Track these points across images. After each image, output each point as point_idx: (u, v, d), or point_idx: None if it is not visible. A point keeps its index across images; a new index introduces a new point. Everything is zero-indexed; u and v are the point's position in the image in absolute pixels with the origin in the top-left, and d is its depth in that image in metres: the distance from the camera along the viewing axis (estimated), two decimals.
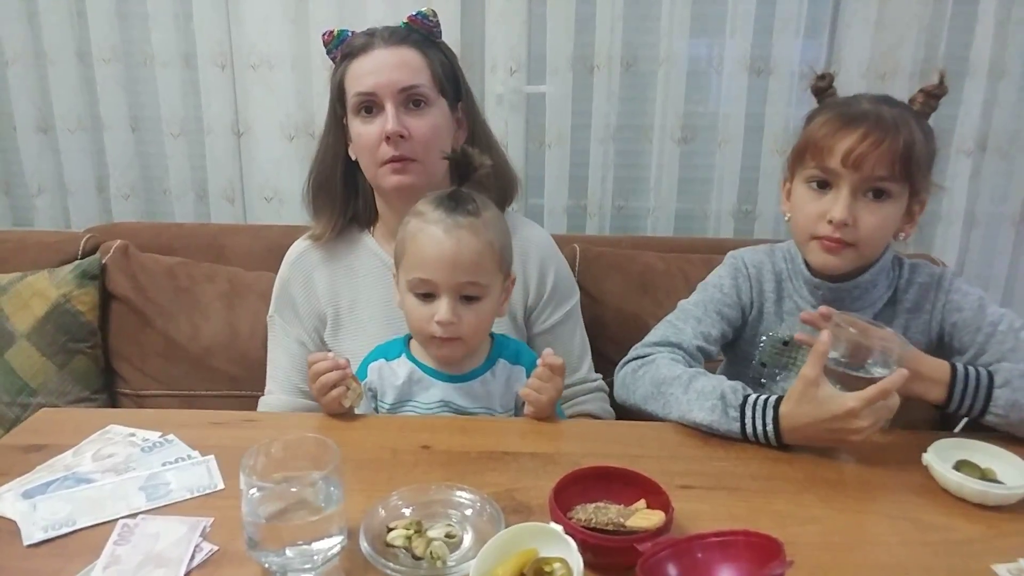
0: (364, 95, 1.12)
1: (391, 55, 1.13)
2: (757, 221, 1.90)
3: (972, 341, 1.04)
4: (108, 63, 1.83)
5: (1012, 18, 1.72)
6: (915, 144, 0.97)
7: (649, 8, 1.77)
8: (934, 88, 1.02)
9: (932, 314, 1.08)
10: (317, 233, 1.23)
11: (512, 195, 1.26)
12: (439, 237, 0.97)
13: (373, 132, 1.12)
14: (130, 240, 1.58)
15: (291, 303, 1.24)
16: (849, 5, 1.74)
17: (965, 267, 1.91)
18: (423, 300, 1.00)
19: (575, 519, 0.74)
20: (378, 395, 1.07)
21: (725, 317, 1.12)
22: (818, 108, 1.06)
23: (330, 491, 0.72)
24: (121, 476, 0.87)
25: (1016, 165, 1.84)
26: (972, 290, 1.07)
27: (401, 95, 1.12)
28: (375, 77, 1.12)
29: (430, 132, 1.13)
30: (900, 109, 1.00)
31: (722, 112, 1.82)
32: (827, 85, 1.07)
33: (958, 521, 0.80)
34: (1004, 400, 0.93)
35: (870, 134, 0.96)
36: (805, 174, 1.03)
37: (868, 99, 1.02)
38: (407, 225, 1.02)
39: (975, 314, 1.04)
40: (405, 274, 1.01)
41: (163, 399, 1.50)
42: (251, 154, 1.88)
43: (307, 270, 1.24)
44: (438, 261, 0.97)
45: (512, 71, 1.78)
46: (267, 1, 1.77)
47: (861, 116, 0.98)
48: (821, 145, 0.99)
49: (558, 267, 1.26)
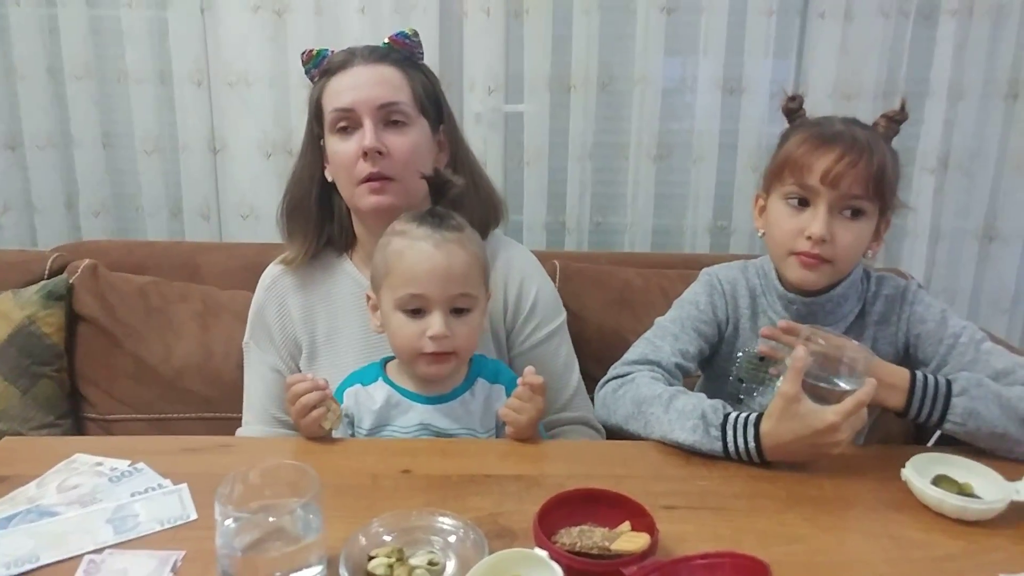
0: (342, 111, 1.10)
1: (371, 72, 1.11)
2: (732, 236, 1.92)
3: (935, 352, 1.06)
4: (80, 80, 1.81)
5: (969, 42, 1.78)
6: (886, 165, 1.00)
7: (624, 29, 1.80)
8: (895, 114, 1.05)
9: (898, 326, 1.10)
10: (289, 257, 1.20)
11: (497, 218, 1.24)
12: (429, 251, 0.97)
13: (350, 149, 1.10)
14: (100, 259, 1.54)
15: (266, 329, 1.21)
16: (815, 28, 1.79)
17: (932, 281, 1.96)
18: (412, 317, 0.99)
19: (560, 543, 0.73)
20: (355, 421, 1.05)
21: (702, 334, 1.13)
22: (793, 127, 1.08)
23: (309, 519, 0.70)
24: (87, 508, 0.84)
25: (977, 181, 1.90)
26: (935, 303, 1.10)
27: (380, 112, 1.10)
28: (354, 93, 1.10)
29: (409, 150, 1.11)
30: (870, 131, 1.03)
31: (696, 130, 1.85)
32: (797, 106, 1.10)
33: (938, 537, 0.81)
34: (962, 408, 0.95)
35: (847, 154, 0.98)
36: (783, 191, 1.04)
37: (840, 120, 1.04)
38: (389, 245, 1.00)
39: (938, 326, 1.07)
40: (392, 292, 0.99)
41: (132, 423, 1.46)
42: (227, 171, 1.86)
43: (282, 296, 1.21)
44: (430, 275, 0.97)
45: (490, 90, 1.79)
46: (245, 19, 1.76)
47: (837, 136, 1.00)
48: (800, 163, 1.01)
49: (540, 286, 1.23)
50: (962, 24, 1.77)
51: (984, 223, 1.93)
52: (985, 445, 0.96)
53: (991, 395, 0.95)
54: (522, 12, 1.77)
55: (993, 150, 1.87)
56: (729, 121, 1.84)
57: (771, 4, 1.76)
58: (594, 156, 1.86)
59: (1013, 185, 1.89)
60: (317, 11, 1.75)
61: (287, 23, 1.76)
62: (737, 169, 1.87)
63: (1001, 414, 0.94)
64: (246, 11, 1.75)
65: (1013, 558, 0.77)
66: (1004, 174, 1.89)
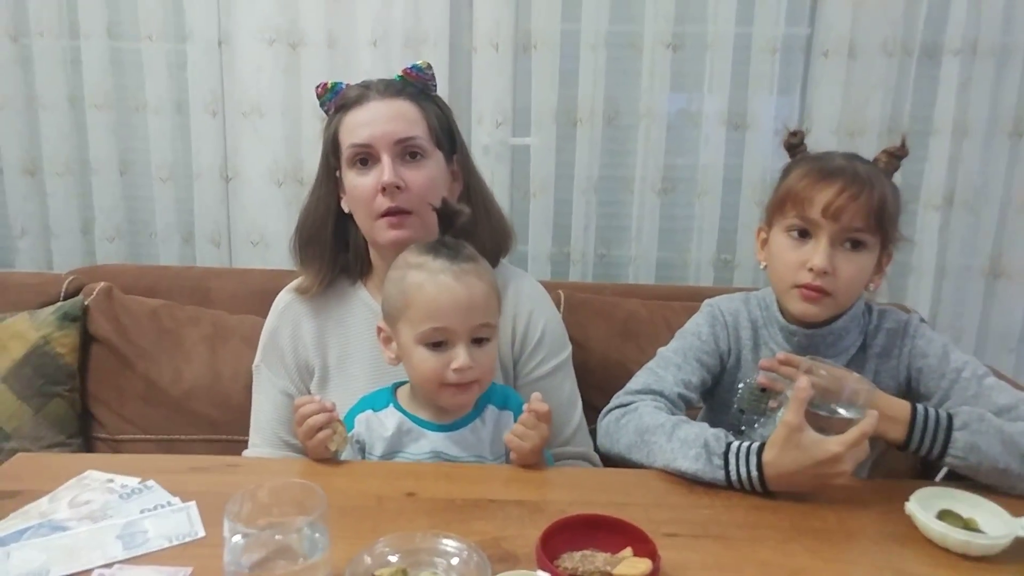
0: (360, 147, 1.12)
1: (387, 107, 1.13)
2: (736, 270, 1.94)
3: (937, 387, 1.07)
4: (100, 109, 1.86)
5: (973, 80, 1.81)
6: (887, 199, 1.03)
7: (630, 64, 1.84)
8: (896, 149, 1.07)
9: (900, 359, 1.11)
10: (305, 286, 1.21)
11: (507, 247, 1.25)
12: (450, 284, 0.97)
13: (369, 184, 1.11)
14: (113, 282, 1.57)
15: (278, 353, 1.21)
16: (818, 65, 1.82)
17: (938, 318, 1.96)
18: (435, 350, 0.99)
19: (562, 568, 0.74)
20: (367, 447, 1.05)
21: (704, 364, 1.14)
22: (794, 161, 1.11)
23: (315, 538, 0.71)
24: (98, 523, 0.85)
25: (982, 218, 1.91)
26: (937, 337, 1.10)
27: (397, 147, 1.11)
28: (371, 128, 1.11)
29: (427, 184, 1.12)
30: (871, 166, 1.06)
31: (701, 164, 1.87)
32: (799, 141, 1.12)
33: (942, 572, 0.81)
34: (963, 443, 0.95)
35: (848, 188, 1.01)
36: (785, 223, 1.06)
37: (841, 156, 1.07)
38: (406, 279, 1.00)
39: (940, 360, 1.07)
40: (412, 328, 0.99)
41: (141, 443, 1.47)
42: (239, 198, 1.90)
43: (296, 320, 1.22)
44: (453, 308, 0.97)
45: (498, 123, 1.83)
46: (259, 51, 1.81)
47: (838, 171, 1.02)
48: (802, 196, 1.03)
49: (549, 318, 1.23)
50: (965, 63, 1.80)
51: (990, 260, 1.93)
52: (986, 481, 0.96)
53: (993, 430, 0.95)
54: (530, 47, 1.81)
55: (998, 187, 1.88)
56: (733, 156, 1.86)
57: (775, 42, 1.80)
58: (599, 189, 1.89)
59: (1018, 223, 1.90)
60: (330, 44, 1.80)
61: (301, 56, 1.81)
62: (741, 203, 1.89)
63: (1003, 450, 0.94)
64: (262, 44, 1.81)
65: None
66: (1009, 211, 1.91)
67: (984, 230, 1.91)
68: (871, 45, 1.79)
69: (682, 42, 1.81)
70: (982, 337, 1.98)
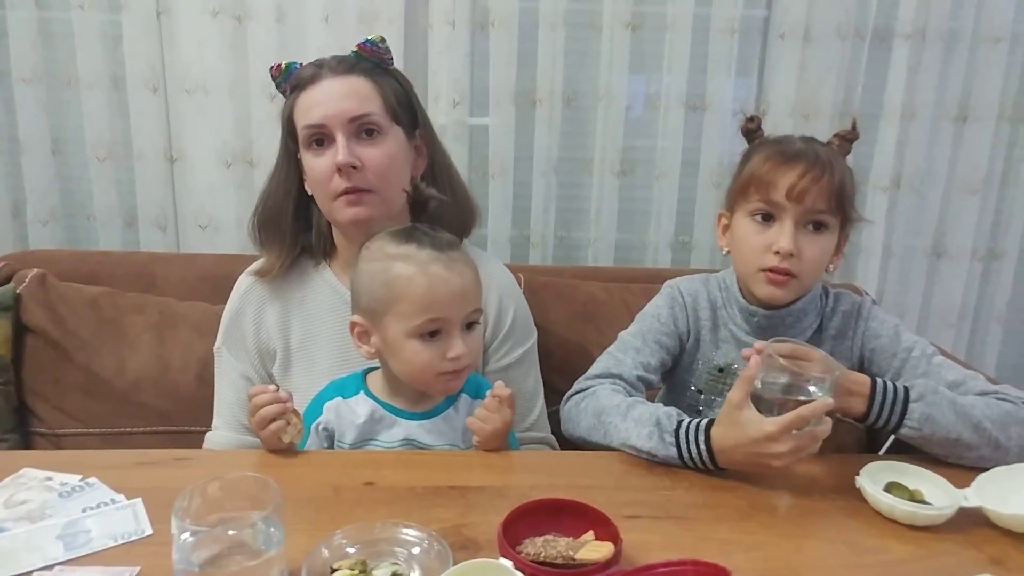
0: (313, 127, 1.09)
1: (340, 84, 1.10)
2: (694, 252, 1.96)
3: (889, 366, 1.10)
4: (29, 83, 1.75)
5: (922, 65, 1.86)
6: (846, 180, 1.05)
7: (589, 45, 1.82)
8: (847, 133, 1.09)
9: (853, 340, 1.13)
10: (265, 268, 1.19)
11: (472, 224, 1.24)
12: (444, 275, 0.95)
13: (325, 165, 1.09)
14: (49, 268, 1.49)
15: (240, 336, 1.19)
16: (775, 48, 1.84)
17: (884, 296, 2.02)
18: (429, 341, 0.97)
19: (524, 554, 0.73)
20: (336, 435, 1.03)
21: (663, 346, 1.15)
22: (754, 146, 1.12)
23: (270, 532, 0.69)
24: (36, 524, 0.81)
25: (927, 200, 1.97)
26: (888, 319, 1.14)
27: (352, 125, 1.09)
28: (323, 108, 1.09)
29: (384, 161, 1.10)
30: (828, 149, 1.07)
31: (660, 146, 1.88)
32: (756, 127, 1.13)
33: (891, 542, 0.83)
34: (919, 414, 0.97)
35: (810, 170, 1.02)
36: (749, 207, 1.07)
37: (800, 139, 1.08)
38: (390, 271, 0.96)
39: (891, 341, 1.11)
40: (404, 321, 0.96)
41: (83, 438, 1.41)
42: (185, 180, 1.82)
43: (259, 302, 1.19)
44: (450, 298, 0.96)
45: (455, 103, 1.80)
46: (202, 24, 1.73)
47: (800, 154, 1.04)
48: (765, 180, 1.04)
49: (518, 305, 1.23)
50: (915, 48, 1.84)
51: (933, 241, 2.00)
52: (939, 451, 0.99)
53: (946, 401, 0.98)
54: (487, 25, 1.78)
55: (943, 170, 1.94)
56: (692, 138, 1.87)
57: (733, 23, 1.80)
58: (559, 171, 1.88)
59: (960, 204, 1.97)
60: (279, 19, 1.74)
61: (247, 30, 1.74)
62: (699, 185, 1.91)
63: (956, 420, 0.97)
64: (204, 16, 1.73)
65: (962, 562, 0.80)
66: (952, 194, 1.97)
67: (928, 212, 1.98)
68: (826, 28, 1.82)
69: (641, 22, 1.81)
70: (924, 314, 2.05)
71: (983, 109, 1.90)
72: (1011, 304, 2.06)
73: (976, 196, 1.96)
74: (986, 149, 1.93)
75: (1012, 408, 1.00)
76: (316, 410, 1.04)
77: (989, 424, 0.97)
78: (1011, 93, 1.91)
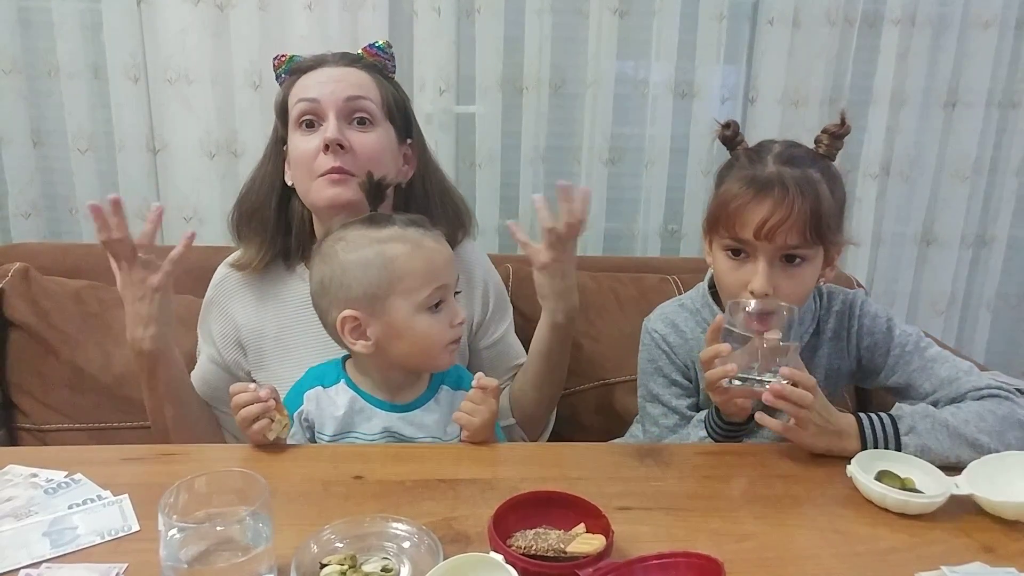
0: (307, 101, 1.09)
1: (340, 71, 1.12)
2: (683, 240, 1.95)
3: (884, 362, 1.10)
4: (8, 74, 1.71)
5: (911, 51, 1.85)
6: (822, 205, 0.98)
7: (576, 31, 1.80)
8: (836, 128, 1.03)
9: (849, 340, 1.13)
10: (243, 261, 1.18)
11: (466, 231, 1.25)
12: (436, 247, 0.99)
13: (312, 145, 1.08)
14: (31, 262, 1.47)
15: (207, 325, 1.22)
16: (764, 34, 1.83)
17: (874, 283, 2.03)
18: (435, 312, 0.98)
19: (515, 547, 0.72)
20: (316, 426, 1.02)
21: (680, 385, 1.15)
22: (727, 167, 1.06)
23: (258, 528, 0.68)
24: (21, 521, 0.80)
25: (917, 187, 1.97)
26: (881, 313, 1.12)
27: (346, 105, 1.09)
28: (320, 87, 1.09)
29: (374, 148, 1.10)
30: (804, 168, 1.00)
31: (648, 134, 1.87)
32: (733, 134, 1.06)
33: (882, 531, 0.83)
34: (914, 446, 0.96)
35: (778, 207, 0.96)
36: (721, 243, 1.04)
37: (775, 157, 1.01)
38: (384, 254, 0.95)
39: (885, 336, 1.10)
40: (411, 297, 0.96)
41: (69, 433, 1.39)
42: (168, 172, 1.80)
43: (230, 293, 1.20)
44: (445, 265, 0.99)
45: (441, 91, 1.78)
46: (184, 13, 1.70)
47: (767, 185, 0.97)
48: (733, 218, 0.99)
49: (496, 282, 1.29)
50: (904, 33, 1.83)
51: (923, 228, 2.01)
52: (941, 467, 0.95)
53: (939, 426, 0.96)
54: (473, 12, 1.76)
55: (932, 157, 1.94)
56: (680, 125, 1.86)
57: (722, 9, 1.79)
58: (546, 159, 1.86)
59: (950, 191, 1.98)
60: (262, 7, 1.70)
61: (230, 18, 1.71)
62: (688, 174, 1.90)
63: (951, 444, 0.96)
64: (186, 4, 1.69)
65: (954, 550, 0.80)
66: (942, 180, 1.97)
67: (918, 198, 1.98)
68: (815, 13, 1.81)
69: (629, 8, 1.79)
70: (914, 301, 2.06)
71: (973, 95, 1.90)
72: (1000, 291, 2.08)
73: (966, 183, 1.96)
74: (976, 135, 1.93)
75: (1008, 410, 0.98)
76: (297, 399, 1.03)
77: (986, 438, 0.95)
78: (1001, 79, 1.91)
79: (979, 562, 0.76)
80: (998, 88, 1.91)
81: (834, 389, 1.14)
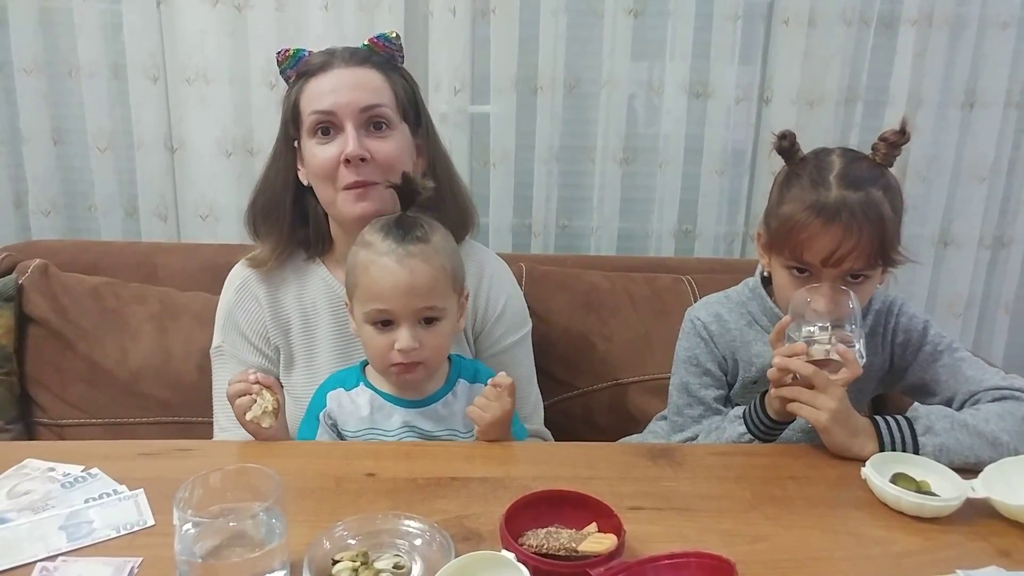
0: (322, 113, 1.07)
1: (351, 75, 1.09)
2: (697, 240, 1.94)
3: (914, 359, 1.11)
4: (30, 74, 1.74)
5: (928, 50, 1.83)
6: (887, 228, 0.98)
7: (591, 31, 1.80)
8: (895, 136, 1.00)
9: (884, 335, 1.14)
10: (261, 258, 1.16)
11: (470, 226, 1.23)
12: (392, 268, 0.96)
13: (330, 154, 1.07)
14: (50, 259, 1.49)
15: (239, 330, 1.17)
16: (779, 34, 1.82)
17: (890, 285, 1.99)
18: (381, 330, 0.98)
19: (527, 545, 0.73)
20: (339, 424, 1.04)
21: (712, 376, 1.16)
22: (787, 183, 1.04)
23: (272, 524, 0.69)
24: (39, 515, 0.81)
25: (934, 188, 1.94)
26: (918, 314, 1.14)
27: (362, 115, 1.07)
28: (335, 96, 1.07)
29: (394, 155, 1.09)
30: (867, 188, 0.98)
31: (662, 134, 1.86)
32: (790, 144, 1.03)
33: (897, 534, 0.83)
34: (932, 446, 0.96)
35: (846, 237, 0.96)
36: (783, 262, 1.04)
37: (838, 179, 0.98)
38: (356, 256, 0.99)
39: (919, 334, 1.11)
40: (361, 306, 0.99)
41: (86, 428, 1.41)
42: (186, 170, 1.81)
43: (255, 296, 1.17)
44: (394, 291, 0.96)
45: (456, 91, 1.78)
46: (202, 13, 1.72)
47: (835, 214, 0.96)
48: (799, 247, 0.99)
49: (510, 295, 1.23)
50: (921, 33, 1.81)
51: (940, 229, 1.98)
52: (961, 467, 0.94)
53: (958, 426, 0.97)
54: (488, 12, 1.76)
55: (950, 157, 1.92)
56: (695, 125, 1.85)
57: (737, 9, 1.78)
58: (560, 159, 1.86)
59: (968, 192, 1.95)
60: (279, 7, 1.72)
61: (247, 19, 1.72)
62: (702, 173, 1.88)
63: (972, 442, 0.96)
64: (204, 4, 1.71)
65: (969, 554, 0.79)
66: (960, 181, 1.95)
67: (935, 199, 1.96)
68: (830, 13, 1.79)
69: (643, 8, 1.78)
70: (931, 303, 2.03)
71: (990, 95, 1.87)
72: (1018, 293, 2.04)
73: (984, 184, 1.94)
74: (994, 136, 1.90)
75: None
76: (321, 400, 1.04)
77: (1007, 437, 0.96)
78: (1019, 79, 1.88)
79: (995, 566, 0.76)
80: (1016, 89, 1.88)
81: (863, 387, 1.14)
